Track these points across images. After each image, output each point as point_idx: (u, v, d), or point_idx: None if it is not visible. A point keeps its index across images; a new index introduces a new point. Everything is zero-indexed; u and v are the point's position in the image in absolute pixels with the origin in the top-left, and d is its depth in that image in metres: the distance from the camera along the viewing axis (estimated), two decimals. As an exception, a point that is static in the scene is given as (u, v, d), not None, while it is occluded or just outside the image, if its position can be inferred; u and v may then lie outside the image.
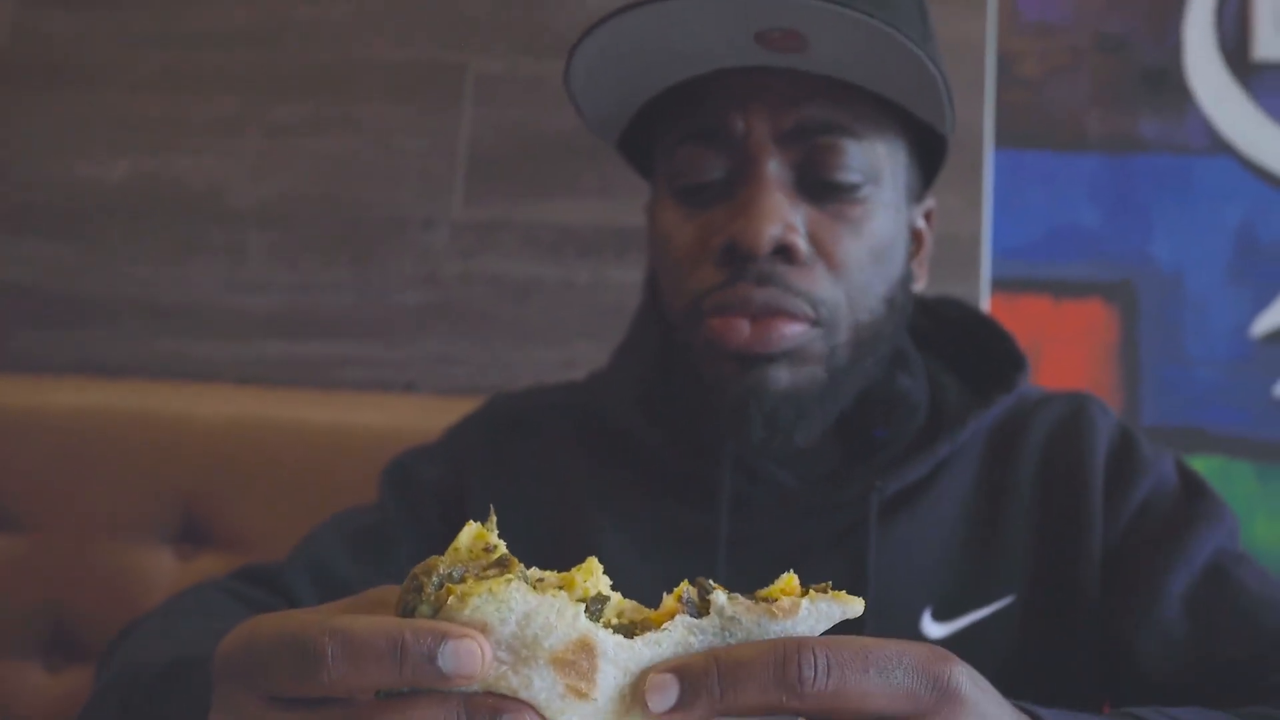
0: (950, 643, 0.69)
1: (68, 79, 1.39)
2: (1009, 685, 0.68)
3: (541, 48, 1.35)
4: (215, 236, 1.36)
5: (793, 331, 0.67)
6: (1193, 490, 0.73)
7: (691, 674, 0.37)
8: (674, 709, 0.37)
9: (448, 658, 0.36)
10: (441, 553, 0.43)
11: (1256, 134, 1.29)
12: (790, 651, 0.37)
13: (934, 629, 0.69)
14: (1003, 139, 1.32)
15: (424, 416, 1.11)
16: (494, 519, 0.41)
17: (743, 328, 0.67)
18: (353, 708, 0.38)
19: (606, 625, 0.39)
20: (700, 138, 0.69)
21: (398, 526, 0.78)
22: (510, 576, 0.38)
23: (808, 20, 0.62)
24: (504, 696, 0.38)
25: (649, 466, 0.76)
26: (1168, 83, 1.31)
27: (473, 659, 0.36)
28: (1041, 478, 0.73)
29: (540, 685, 0.38)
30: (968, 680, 0.39)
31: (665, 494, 0.75)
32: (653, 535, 0.74)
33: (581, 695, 0.38)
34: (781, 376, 0.67)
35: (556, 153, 1.32)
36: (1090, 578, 0.70)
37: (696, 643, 0.39)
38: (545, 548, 0.75)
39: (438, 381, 1.31)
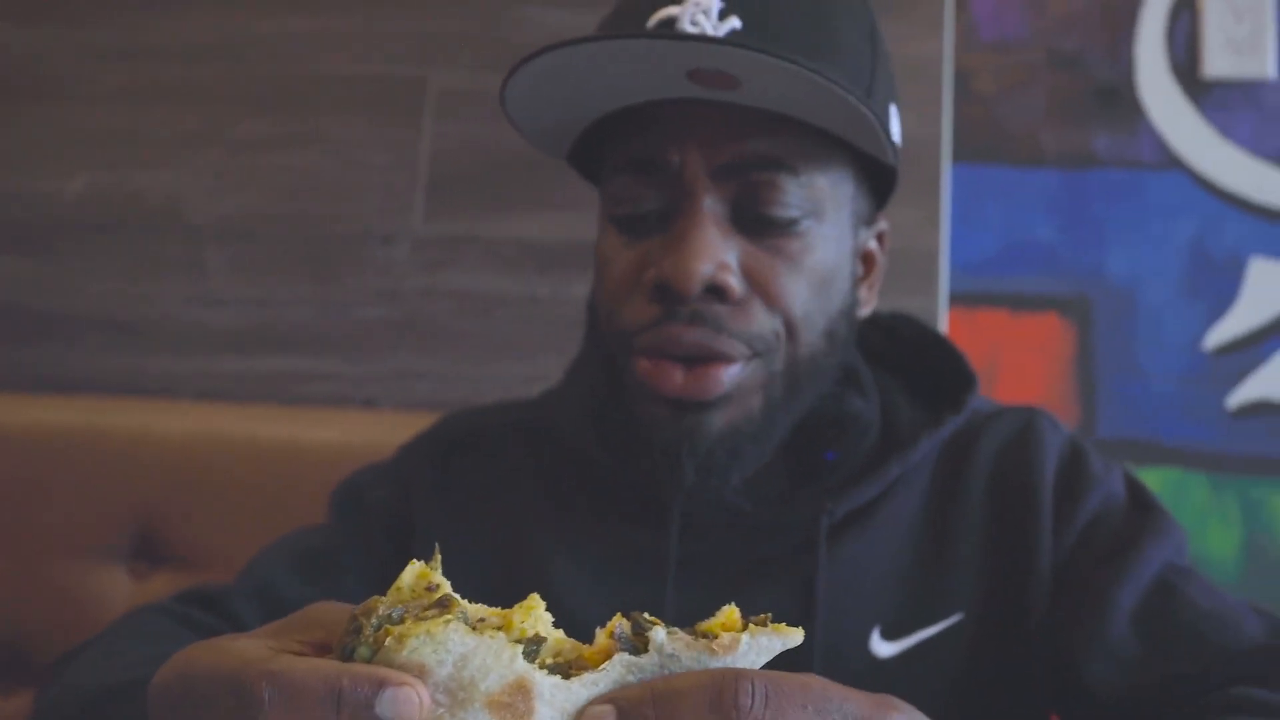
0: (900, 661, 0.69)
1: (25, 93, 1.38)
2: (959, 702, 0.69)
3: (502, 63, 1.33)
4: (175, 252, 1.35)
5: (730, 374, 0.67)
6: (1141, 505, 0.74)
7: (628, 704, 0.37)
8: None
9: (385, 705, 0.36)
10: (390, 575, 0.43)
11: (1207, 150, 1.31)
12: (729, 681, 0.37)
13: (883, 647, 0.70)
14: (960, 154, 1.33)
15: (385, 432, 1.10)
16: (438, 557, 0.41)
17: (675, 375, 0.66)
18: None
19: (542, 665, 0.39)
20: (637, 168, 0.69)
21: (346, 548, 0.77)
22: (449, 617, 0.38)
23: (737, 64, 0.62)
24: None
25: (600, 486, 0.76)
26: (1120, 99, 1.33)
27: (410, 706, 0.36)
28: (991, 494, 0.74)
29: None
30: None
31: (616, 514, 0.75)
32: (603, 555, 0.74)
33: None
34: (716, 421, 0.67)
35: (518, 168, 1.32)
36: (1039, 594, 0.70)
37: (635, 681, 0.39)
38: (494, 569, 0.75)
39: (399, 397, 1.30)
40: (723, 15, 0.66)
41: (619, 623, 0.41)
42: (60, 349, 1.33)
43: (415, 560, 0.41)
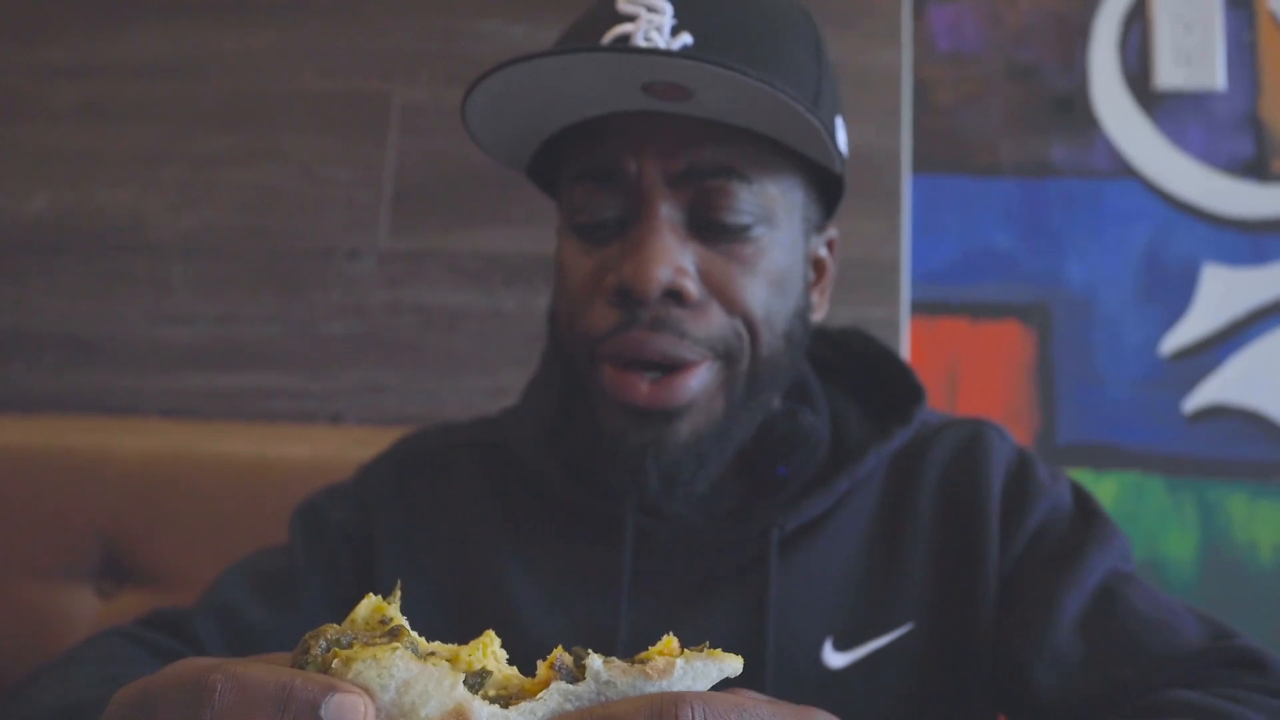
0: (851, 671, 0.70)
1: (-16, 111, 1.38)
2: (910, 711, 0.70)
3: (466, 78, 1.36)
4: (138, 269, 1.35)
5: (695, 382, 0.68)
6: (1086, 513, 0.75)
7: None
8: None
9: (330, 709, 0.37)
10: (351, 596, 0.44)
11: (1159, 158, 1.33)
12: (668, 704, 0.38)
13: (835, 658, 0.71)
14: (919, 165, 1.35)
15: (351, 447, 1.11)
16: (398, 594, 0.42)
17: (641, 386, 0.68)
18: None
19: (484, 698, 0.40)
20: (595, 177, 0.70)
21: (307, 571, 0.78)
22: (395, 645, 0.39)
23: (690, 75, 0.64)
24: None
25: (555, 505, 0.77)
26: (1075, 110, 1.35)
27: (355, 713, 0.37)
28: (940, 505, 0.75)
29: None
30: None
31: (571, 532, 0.75)
32: (559, 573, 0.74)
33: None
34: (682, 430, 0.69)
35: (481, 182, 1.33)
36: (987, 603, 0.71)
37: (572, 709, 0.40)
38: (453, 587, 0.76)
39: (365, 412, 1.31)
40: (675, 32, 0.67)
41: (559, 655, 0.41)
42: (22, 368, 1.33)
43: (372, 594, 0.42)
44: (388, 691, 0.38)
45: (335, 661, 0.39)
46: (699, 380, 0.68)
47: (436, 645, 0.42)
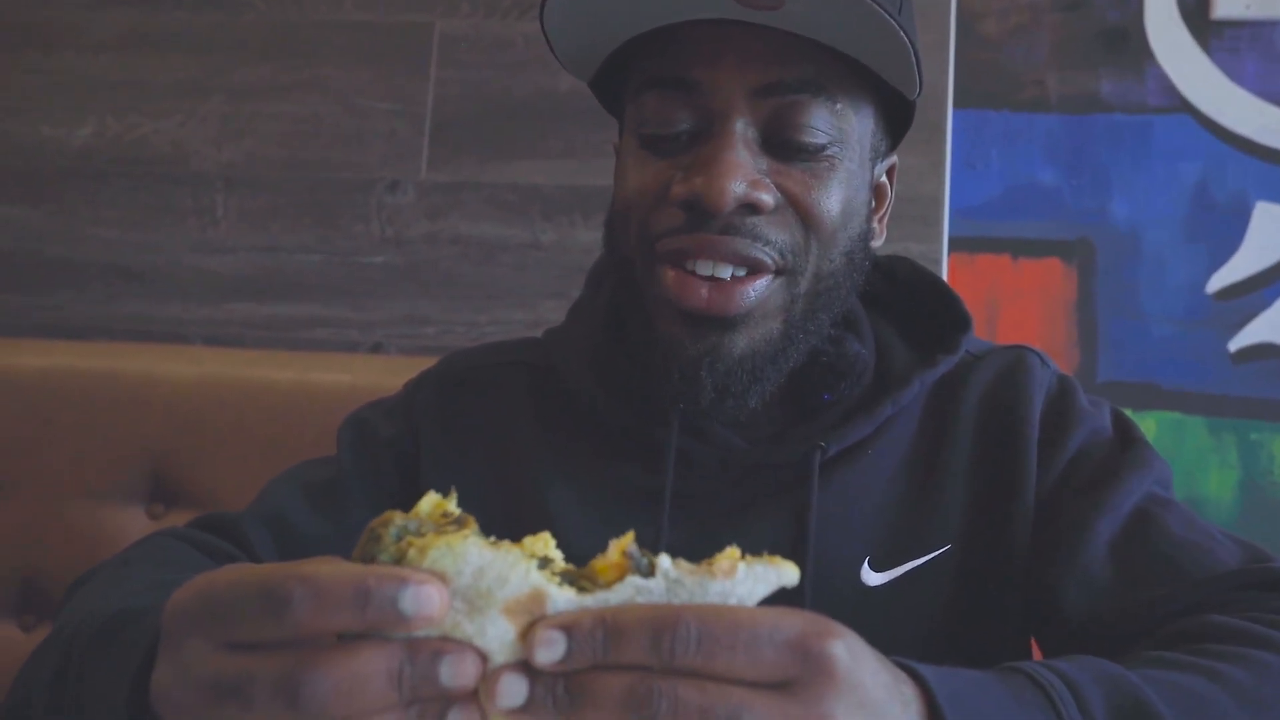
0: (887, 590, 0.71)
1: (29, 41, 1.39)
2: (944, 630, 0.71)
3: (506, 9, 1.35)
4: (181, 199, 1.36)
5: (755, 290, 0.68)
6: (1126, 440, 0.75)
7: (580, 634, 0.39)
8: (560, 662, 0.39)
9: (409, 601, 0.37)
10: (397, 507, 0.44)
11: (1215, 92, 1.30)
12: (668, 621, 0.39)
13: (873, 578, 0.71)
14: (963, 98, 1.33)
15: (391, 376, 1.11)
16: (454, 494, 0.43)
17: (701, 290, 0.67)
18: (302, 650, 0.39)
19: (554, 574, 0.41)
20: (669, 87, 0.69)
21: (354, 480, 0.79)
22: (466, 532, 0.40)
23: None
24: (447, 639, 0.39)
25: (598, 425, 0.77)
26: (1128, 42, 1.32)
27: (432, 602, 0.38)
28: (980, 429, 0.75)
29: (493, 633, 0.39)
30: (844, 653, 0.40)
31: (613, 453, 0.76)
32: (600, 493, 0.75)
33: None
34: (738, 342, 0.68)
35: (521, 115, 1.33)
36: (1024, 526, 0.72)
37: (642, 601, 0.41)
38: (495, 506, 0.77)
39: (404, 342, 1.32)
40: None
41: (632, 544, 0.42)
42: (70, 296, 1.35)
43: (433, 491, 0.43)
44: (463, 576, 0.39)
45: (411, 550, 0.39)
46: (758, 292, 0.68)
47: (492, 538, 0.42)
